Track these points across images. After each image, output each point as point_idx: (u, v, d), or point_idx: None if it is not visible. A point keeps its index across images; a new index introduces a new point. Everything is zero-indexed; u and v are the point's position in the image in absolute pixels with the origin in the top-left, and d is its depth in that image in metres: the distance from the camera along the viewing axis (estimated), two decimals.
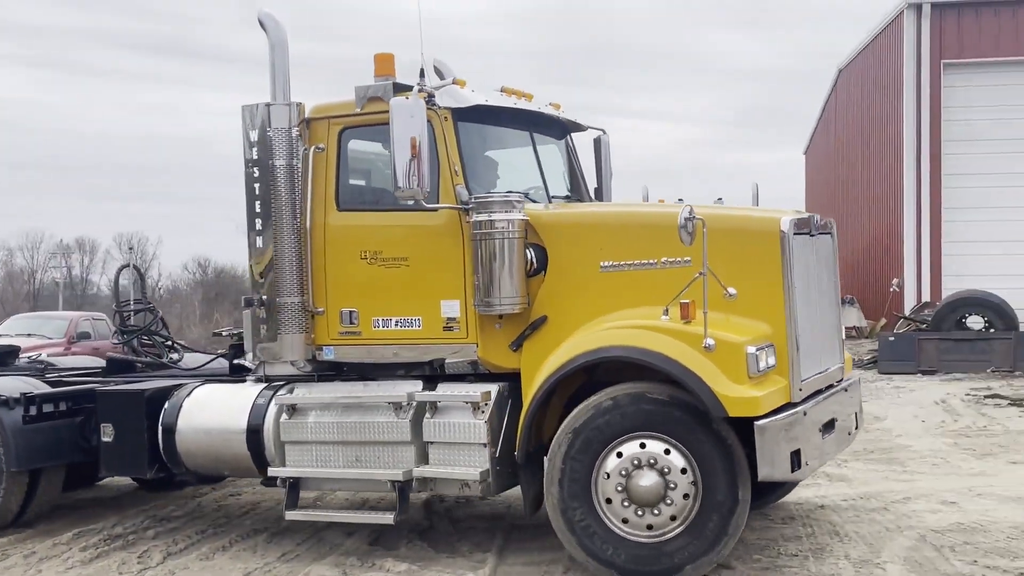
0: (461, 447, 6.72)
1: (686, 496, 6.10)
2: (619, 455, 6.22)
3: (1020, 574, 6.13)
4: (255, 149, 7.15)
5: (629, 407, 6.21)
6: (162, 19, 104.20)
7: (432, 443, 6.84)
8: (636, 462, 6.17)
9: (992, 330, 16.58)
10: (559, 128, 8.00)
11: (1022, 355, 15.98)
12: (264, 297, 7.18)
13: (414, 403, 6.84)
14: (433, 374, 7.07)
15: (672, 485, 6.11)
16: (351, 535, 7.66)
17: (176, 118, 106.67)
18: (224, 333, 9.58)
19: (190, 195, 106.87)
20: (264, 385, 7.44)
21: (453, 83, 7.08)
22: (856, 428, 7.29)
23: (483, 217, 6.60)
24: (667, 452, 6.15)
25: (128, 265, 9.37)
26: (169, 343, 9.43)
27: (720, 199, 7.86)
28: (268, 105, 7.11)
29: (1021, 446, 10.36)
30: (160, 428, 7.57)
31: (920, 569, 6.31)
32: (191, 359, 9.31)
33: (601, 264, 6.70)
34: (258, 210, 7.17)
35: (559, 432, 6.36)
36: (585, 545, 6.25)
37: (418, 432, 6.85)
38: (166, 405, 7.61)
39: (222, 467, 7.77)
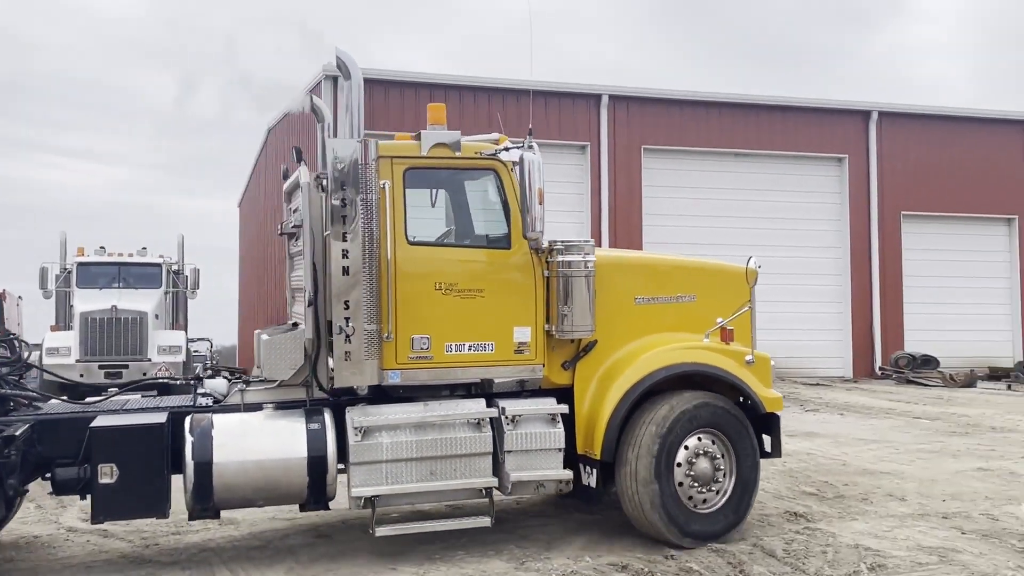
0: (540, 453, 7.62)
1: (725, 475, 7.86)
2: (686, 447, 7.77)
3: None
4: (340, 182, 7.26)
5: (706, 407, 7.82)
6: None
7: (511, 452, 7.56)
8: (697, 452, 7.79)
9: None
10: None
11: None
12: (353, 324, 7.25)
13: (488, 418, 7.53)
14: (479, 393, 7.80)
15: (720, 468, 7.83)
16: None
17: None
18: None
19: None
20: (303, 411, 7.49)
21: (498, 140, 7.93)
22: None
23: (571, 258, 7.67)
24: (713, 443, 7.85)
25: None
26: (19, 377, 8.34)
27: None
28: (364, 140, 7.46)
29: None
30: (191, 464, 7.07)
31: None
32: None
33: (636, 298, 8.25)
34: (342, 239, 7.25)
35: (654, 427, 7.64)
36: (667, 514, 7.57)
37: (500, 443, 7.57)
38: (192, 439, 7.13)
39: (262, 496, 7.37)
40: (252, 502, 7.49)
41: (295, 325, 8.20)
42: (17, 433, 7.08)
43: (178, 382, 8.60)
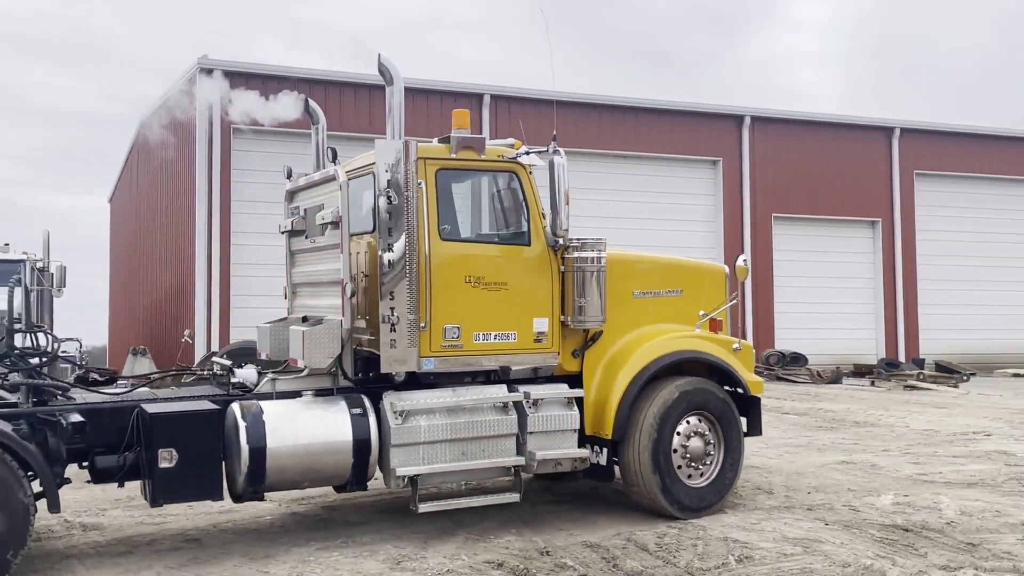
0: (558, 434, 8.25)
1: (714, 453, 8.70)
2: (685, 424, 8.58)
3: None
4: (388, 180, 7.68)
5: (700, 391, 8.64)
6: None
7: (533, 433, 8.12)
8: (691, 432, 8.58)
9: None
10: None
11: None
12: (397, 314, 7.63)
13: (512, 401, 8.07)
14: (497, 379, 8.31)
15: (710, 450, 8.67)
16: None
17: None
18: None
19: None
20: (343, 398, 7.86)
21: (514, 144, 8.68)
22: None
23: (586, 254, 8.31)
24: (705, 424, 8.68)
25: (19, 282, 8.29)
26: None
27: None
28: (405, 142, 7.75)
29: None
30: (246, 448, 7.33)
31: None
32: None
33: (634, 292, 9.00)
34: (389, 235, 7.67)
35: (655, 409, 8.40)
36: (666, 488, 8.36)
37: (523, 425, 8.09)
38: (244, 424, 7.39)
39: (308, 478, 7.75)
40: (298, 484, 7.84)
41: (305, 319, 8.66)
42: (83, 419, 7.31)
43: (205, 373, 8.85)
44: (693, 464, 8.59)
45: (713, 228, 26.70)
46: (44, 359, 8.02)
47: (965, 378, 24.18)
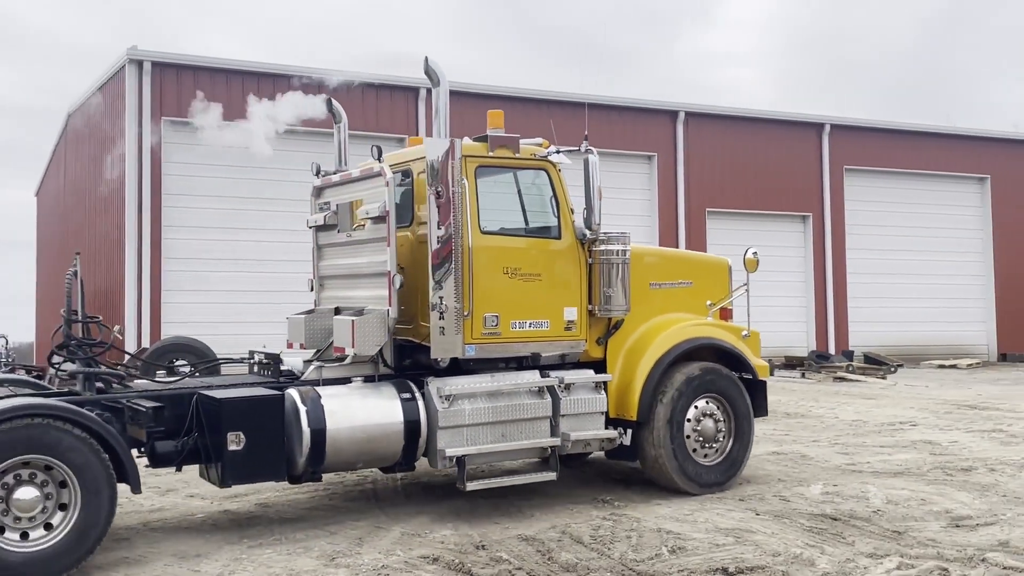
0: (588, 416, 8.77)
1: (725, 434, 9.40)
2: (696, 407, 9.22)
3: None
4: (436, 177, 8.03)
5: (711, 375, 9.31)
6: None
7: (565, 415, 8.62)
8: (703, 413, 9.26)
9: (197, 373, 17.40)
10: None
11: None
12: (445, 303, 8.00)
13: (547, 385, 8.54)
14: (529, 365, 8.73)
15: (721, 429, 9.33)
16: None
17: None
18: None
19: None
20: (392, 384, 8.28)
21: (542, 144, 9.05)
22: None
23: (613, 247, 8.84)
24: (719, 408, 9.36)
25: (76, 272, 8.30)
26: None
27: None
28: (452, 140, 8.10)
29: None
30: (308, 431, 7.71)
31: None
32: None
33: (650, 283, 9.57)
34: (437, 229, 8.01)
35: (671, 392, 9.02)
36: (680, 466, 9.00)
37: (556, 408, 8.59)
38: (305, 408, 7.76)
39: (363, 459, 8.19)
40: (352, 465, 8.31)
41: (337, 310, 9.04)
42: (160, 404, 7.57)
43: (253, 361, 9.04)
44: (706, 444, 9.25)
45: (648, 222, 26.91)
46: (98, 349, 8.29)
47: (893, 370, 24.74)
